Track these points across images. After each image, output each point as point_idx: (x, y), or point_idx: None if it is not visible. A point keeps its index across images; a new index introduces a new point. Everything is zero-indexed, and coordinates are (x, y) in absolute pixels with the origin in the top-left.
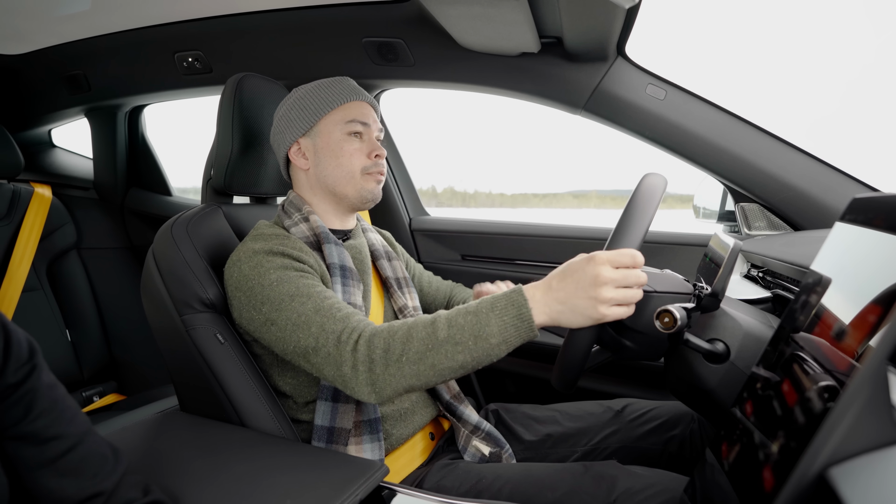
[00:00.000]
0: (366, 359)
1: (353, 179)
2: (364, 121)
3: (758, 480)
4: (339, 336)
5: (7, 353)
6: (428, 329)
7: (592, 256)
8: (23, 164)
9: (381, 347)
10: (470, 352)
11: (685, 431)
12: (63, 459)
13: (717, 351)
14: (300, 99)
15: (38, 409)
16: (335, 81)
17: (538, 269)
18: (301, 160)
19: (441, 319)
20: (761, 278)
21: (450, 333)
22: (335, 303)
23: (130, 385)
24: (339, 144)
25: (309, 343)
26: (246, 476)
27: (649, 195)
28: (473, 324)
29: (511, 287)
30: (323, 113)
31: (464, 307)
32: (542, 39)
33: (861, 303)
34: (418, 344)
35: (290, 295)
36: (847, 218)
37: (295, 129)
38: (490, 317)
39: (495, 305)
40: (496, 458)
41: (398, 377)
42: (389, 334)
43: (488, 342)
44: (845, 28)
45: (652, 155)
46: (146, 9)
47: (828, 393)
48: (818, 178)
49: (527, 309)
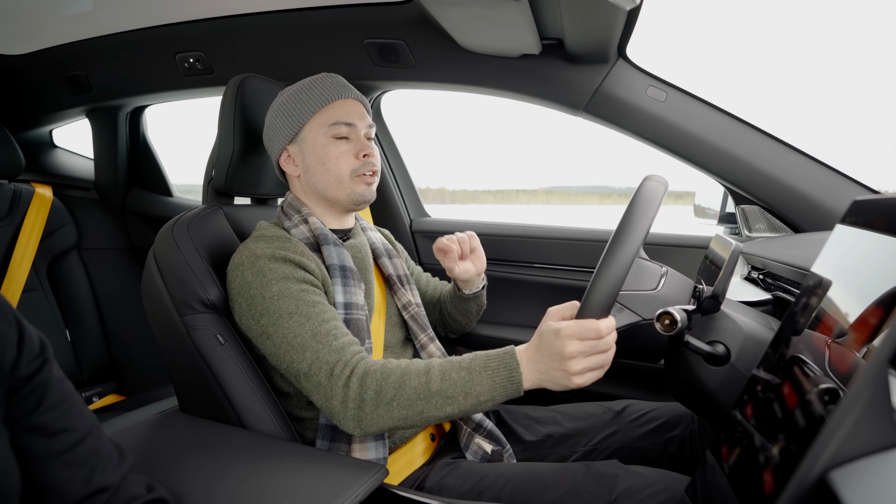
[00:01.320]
0: (356, 397)
1: (342, 184)
2: (349, 121)
3: (758, 483)
4: (332, 368)
5: (21, 347)
6: (421, 378)
7: (559, 330)
8: (24, 165)
9: (374, 389)
10: (458, 405)
11: (685, 432)
12: (72, 452)
13: (717, 353)
14: (283, 104)
15: (48, 401)
16: (317, 81)
17: (538, 271)
18: (291, 167)
19: (435, 371)
20: (762, 280)
21: (442, 386)
22: (332, 328)
23: (130, 386)
24: (325, 150)
25: (301, 367)
26: (245, 477)
27: (649, 199)
28: (466, 381)
29: (481, 272)
30: (305, 118)
31: (457, 361)
32: (543, 41)
33: (862, 305)
34: (410, 392)
35: (289, 312)
36: (848, 220)
37: (281, 137)
38: (483, 376)
39: (488, 365)
40: (498, 456)
41: (386, 418)
42: (383, 376)
43: (477, 399)
44: (845, 28)
45: (620, 151)
46: (148, 9)
47: (828, 396)
48: (819, 180)
49: (518, 373)
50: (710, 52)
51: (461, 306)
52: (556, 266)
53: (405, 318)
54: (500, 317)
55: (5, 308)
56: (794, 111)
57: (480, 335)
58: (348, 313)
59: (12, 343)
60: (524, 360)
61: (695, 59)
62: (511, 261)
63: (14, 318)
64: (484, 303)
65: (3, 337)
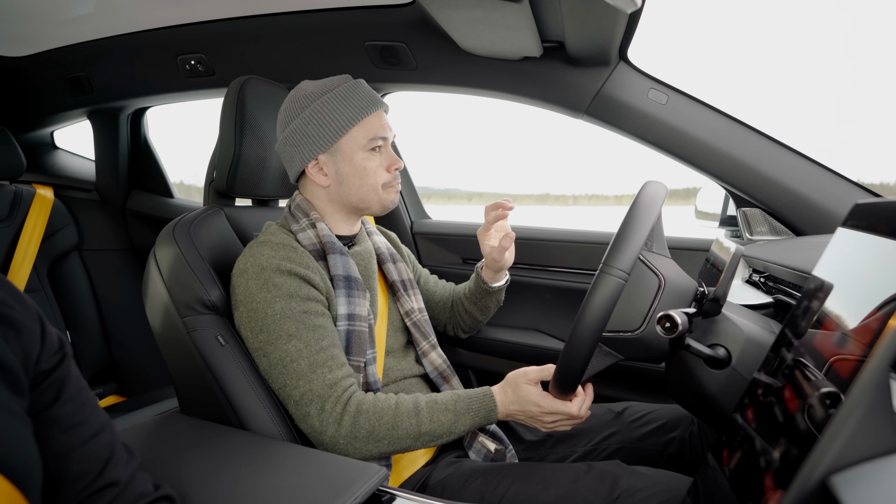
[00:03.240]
0: (348, 434)
1: (376, 193)
2: (384, 135)
3: (759, 487)
4: (323, 404)
5: (43, 341)
6: (412, 420)
7: (538, 404)
8: (25, 166)
9: (366, 428)
10: (441, 440)
11: (684, 433)
12: (87, 446)
13: (718, 356)
14: (318, 113)
15: (66, 394)
16: (351, 91)
17: (540, 273)
18: (320, 177)
19: (424, 413)
20: (763, 283)
21: (431, 427)
22: (329, 357)
23: (130, 387)
24: (364, 164)
25: (293, 395)
26: (244, 479)
27: (648, 204)
28: (452, 422)
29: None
30: (344, 131)
31: (442, 402)
32: (545, 44)
33: (863, 308)
34: (402, 432)
35: (288, 334)
36: (849, 223)
37: (313, 146)
38: (466, 417)
39: (471, 407)
40: (501, 456)
41: (374, 452)
42: (376, 416)
43: (457, 434)
44: (845, 28)
45: (598, 156)
46: (149, 12)
47: (830, 399)
48: (820, 183)
49: (494, 413)
50: (710, 52)
51: (482, 301)
52: (558, 268)
53: (407, 325)
54: (501, 319)
55: (28, 304)
56: (796, 111)
57: (483, 338)
58: (351, 324)
59: (36, 337)
60: (500, 401)
61: (696, 61)
62: (513, 263)
63: (36, 314)
64: (502, 299)
65: (29, 331)
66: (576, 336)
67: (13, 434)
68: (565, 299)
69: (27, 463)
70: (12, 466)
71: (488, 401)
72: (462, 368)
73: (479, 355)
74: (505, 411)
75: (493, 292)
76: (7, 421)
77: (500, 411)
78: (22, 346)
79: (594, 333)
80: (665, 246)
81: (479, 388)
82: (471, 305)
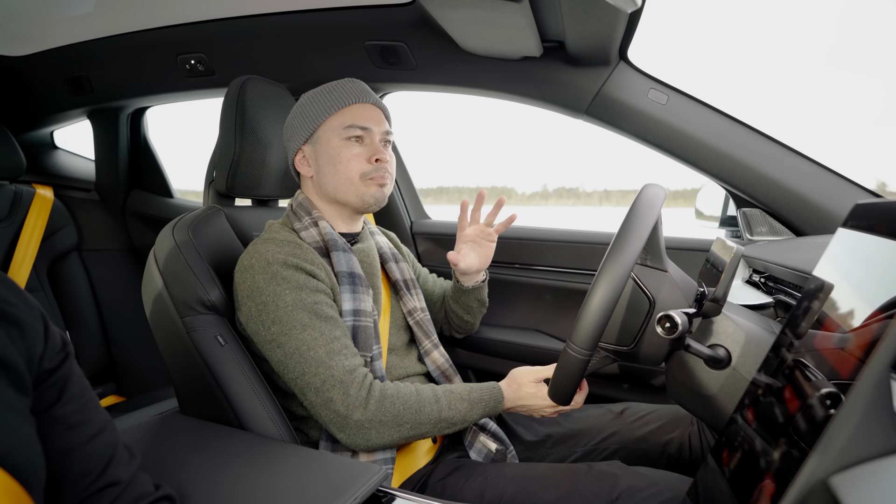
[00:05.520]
0: (374, 418)
1: (352, 185)
2: (364, 125)
3: (759, 488)
4: (347, 388)
5: (46, 340)
6: (433, 406)
7: (540, 403)
8: (25, 166)
9: (392, 413)
10: (454, 428)
11: (684, 434)
12: (88, 445)
13: (718, 356)
14: (303, 105)
15: (69, 393)
16: (339, 85)
17: (540, 273)
18: (305, 167)
19: (443, 400)
20: (763, 284)
21: (449, 414)
22: (343, 346)
23: (130, 387)
24: (337, 151)
25: (313, 382)
26: (244, 479)
27: (648, 206)
28: (467, 410)
29: (482, 268)
30: (321, 119)
31: (457, 392)
32: (545, 43)
33: (863, 309)
34: (424, 417)
35: (302, 325)
36: (849, 224)
37: (298, 137)
38: (478, 406)
39: (482, 398)
40: (502, 456)
41: (395, 436)
42: (401, 401)
43: (470, 421)
44: (844, 28)
45: (581, 155)
46: (149, 11)
47: (830, 400)
48: (820, 183)
49: (501, 405)
50: (710, 52)
51: (462, 300)
52: (558, 269)
53: (410, 324)
54: (501, 319)
55: (31, 303)
56: (797, 111)
57: (482, 338)
58: (356, 320)
59: (40, 336)
60: (506, 394)
61: (696, 61)
62: (512, 263)
63: (40, 313)
64: (485, 299)
65: (32, 330)
66: (567, 356)
67: (17, 432)
68: (565, 299)
69: (31, 461)
70: (16, 464)
71: (497, 393)
72: (462, 368)
73: (479, 355)
74: (510, 405)
75: (469, 291)
76: (11, 419)
77: (506, 405)
78: (25, 345)
79: (586, 355)
80: (662, 256)
81: (487, 383)
82: (454, 304)
